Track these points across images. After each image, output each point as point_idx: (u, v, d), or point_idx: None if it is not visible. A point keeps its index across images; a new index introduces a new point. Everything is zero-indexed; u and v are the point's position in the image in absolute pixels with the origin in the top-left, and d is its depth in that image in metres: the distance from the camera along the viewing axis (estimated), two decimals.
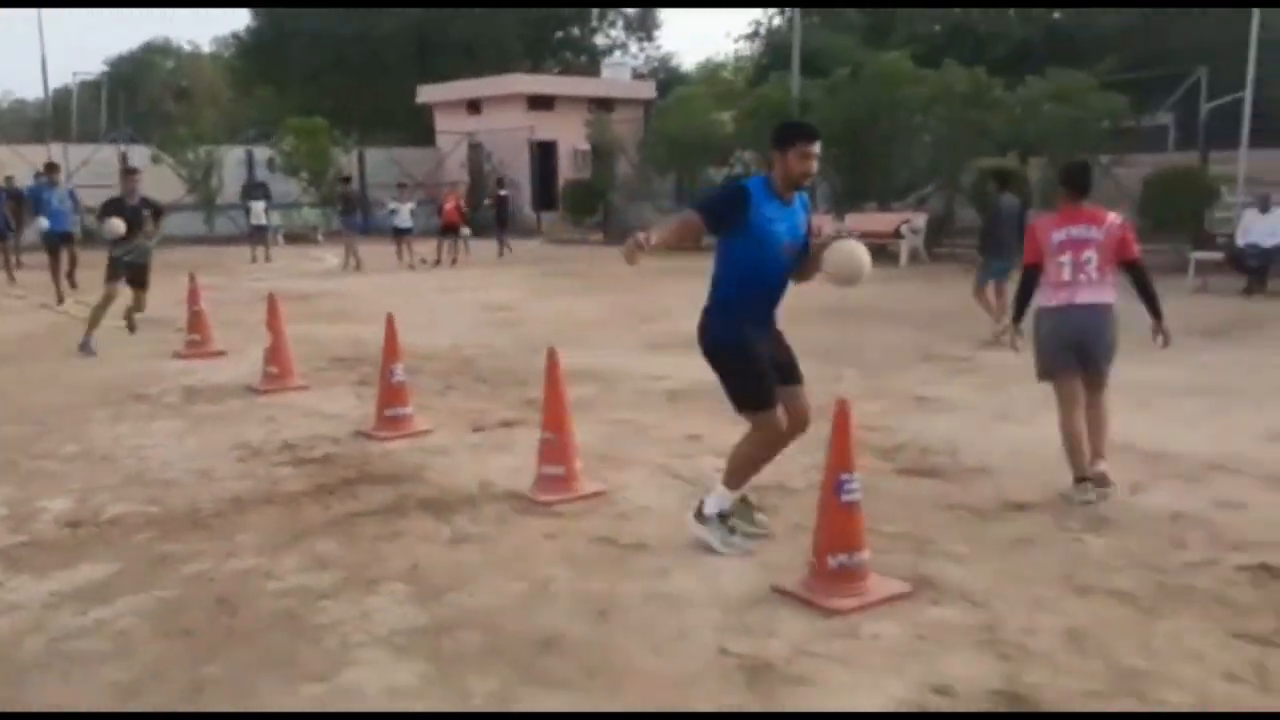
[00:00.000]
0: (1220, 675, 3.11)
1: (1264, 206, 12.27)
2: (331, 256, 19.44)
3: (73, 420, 6.61)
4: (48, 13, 55.81)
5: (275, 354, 7.43)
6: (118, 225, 8.63)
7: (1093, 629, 3.42)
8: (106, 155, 24.19)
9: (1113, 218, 4.82)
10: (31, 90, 79.72)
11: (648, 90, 30.95)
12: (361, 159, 27.84)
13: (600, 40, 40.80)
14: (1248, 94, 15.04)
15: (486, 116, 29.42)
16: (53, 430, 6.36)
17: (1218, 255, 12.70)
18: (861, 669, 3.17)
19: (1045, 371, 4.88)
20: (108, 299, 8.87)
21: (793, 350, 4.22)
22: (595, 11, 40.28)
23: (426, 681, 3.14)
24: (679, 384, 7.30)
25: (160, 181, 21.55)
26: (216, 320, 9.35)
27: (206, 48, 57.59)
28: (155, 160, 23.88)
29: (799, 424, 4.18)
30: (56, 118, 37.39)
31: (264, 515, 4.69)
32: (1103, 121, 15.63)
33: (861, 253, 4.05)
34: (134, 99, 47.73)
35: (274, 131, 27.76)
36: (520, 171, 28.34)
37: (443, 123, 30.83)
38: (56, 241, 13.29)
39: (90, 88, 42.22)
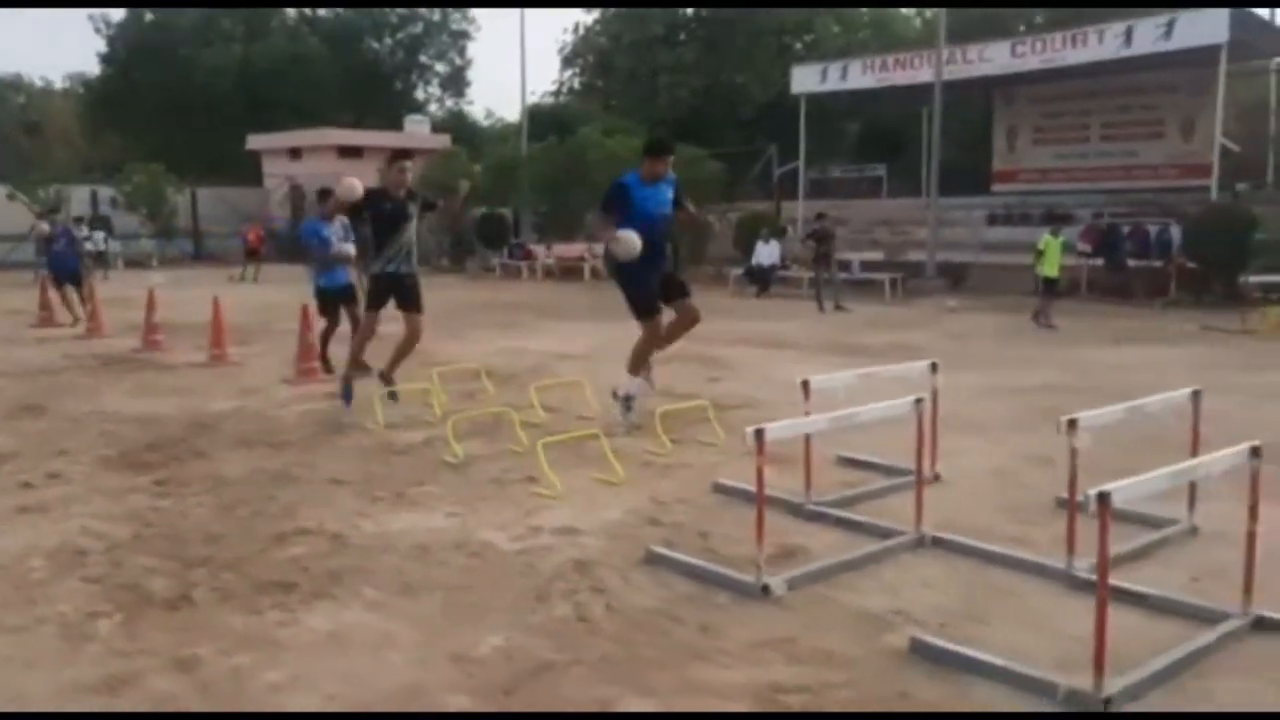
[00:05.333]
0: None
1: (766, 239, 19.07)
2: (159, 276, 24.78)
3: None
4: None
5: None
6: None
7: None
8: None
9: None
10: None
11: (444, 142, 37.02)
12: (194, 198, 33.06)
13: (419, 95, 46.78)
14: (801, 164, 22.09)
15: (305, 163, 34.99)
16: None
17: (739, 271, 19.50)
18: (290, 406, 9.17)
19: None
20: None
21: (680, 278, 7.44)
22: (415, 71, 46.31)
23: None
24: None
25: (13, 214, 26.67)
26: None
27: (59, 84, 60.78)
28: (10, 197, 28.70)
29: (690, 319, 7.27)
30: None
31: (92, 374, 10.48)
32: (713, 181, 22.40)
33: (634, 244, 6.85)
34: None
35: (118, 173, 32.75)
36: None
37: (269, 167, 36.32)
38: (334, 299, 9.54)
39: None
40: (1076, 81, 22.24)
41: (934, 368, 5.94)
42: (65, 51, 79.89)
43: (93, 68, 44.88)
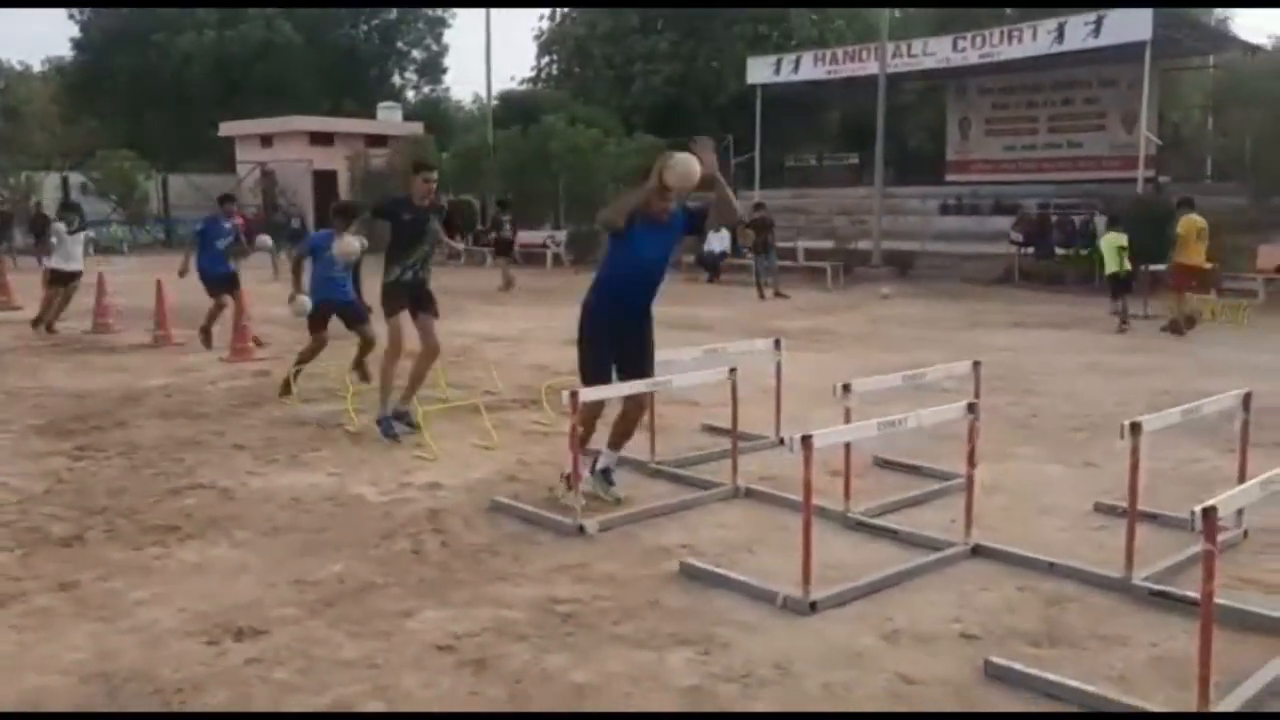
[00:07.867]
0: None
1: (717, 227, 19.63)
2: (132, 260, 25.31)
3: None
4: None
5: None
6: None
7: None
8: None
9: None
10: None
11: (417, 129, 37.45)
12: (165, 185, 33.54)
13: (396, 81, 47.15)
14: (757, 153, 22.71)
15: (276, 149, 35.46)
16: None
17: (690, 258, 20.11)
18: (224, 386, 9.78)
19: None
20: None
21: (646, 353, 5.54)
22: (392, 58, 46.72)
23: None
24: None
25: None
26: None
27: (37, 68, 60.63)
28: None
29: (630, 410, 5.41)
30: None
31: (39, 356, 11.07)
32: None
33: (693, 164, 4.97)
34: None
35: (90, 159, 33.18)
36: (304, 195, 34.59)
37: (241, 153, 36.73)
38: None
39: None
40: (1024, 74, 22.90)
41: (777, 344, 6.60)
42: (41, 36, 79.63)
43: (68, 52, 45.19)
